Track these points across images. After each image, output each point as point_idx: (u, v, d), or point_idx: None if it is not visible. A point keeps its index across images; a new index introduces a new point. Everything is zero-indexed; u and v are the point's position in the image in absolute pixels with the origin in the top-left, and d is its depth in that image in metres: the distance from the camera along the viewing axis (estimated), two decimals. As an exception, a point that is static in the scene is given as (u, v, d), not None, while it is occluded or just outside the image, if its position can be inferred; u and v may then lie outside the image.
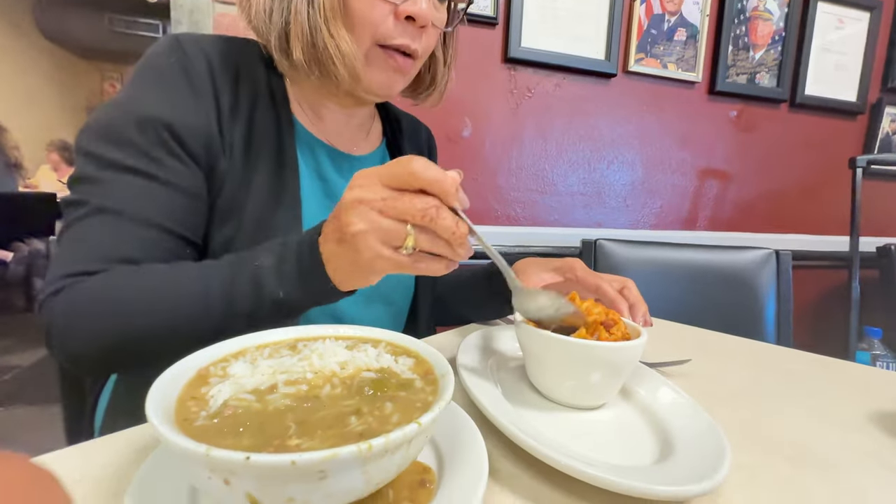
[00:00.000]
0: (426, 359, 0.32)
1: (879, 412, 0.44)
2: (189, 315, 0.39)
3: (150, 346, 0.39)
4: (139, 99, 0.45)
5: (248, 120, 0.50)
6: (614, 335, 0.37)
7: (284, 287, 0.38)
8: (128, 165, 0.43)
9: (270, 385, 0.26)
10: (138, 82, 0.47)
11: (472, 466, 0.28)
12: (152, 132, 0.44)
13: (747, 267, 1.11)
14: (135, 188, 0.43)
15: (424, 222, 0.31)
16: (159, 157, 0.44)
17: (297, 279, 0.37)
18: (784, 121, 1.55)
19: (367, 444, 0.20)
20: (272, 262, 0.39)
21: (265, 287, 0.38)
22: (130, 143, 0.43)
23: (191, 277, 0.40)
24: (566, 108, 1.31)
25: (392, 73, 0.51)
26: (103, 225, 0.42)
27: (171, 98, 0.46)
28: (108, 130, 0.44)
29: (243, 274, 0.39)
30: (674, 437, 0.33)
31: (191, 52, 0.48)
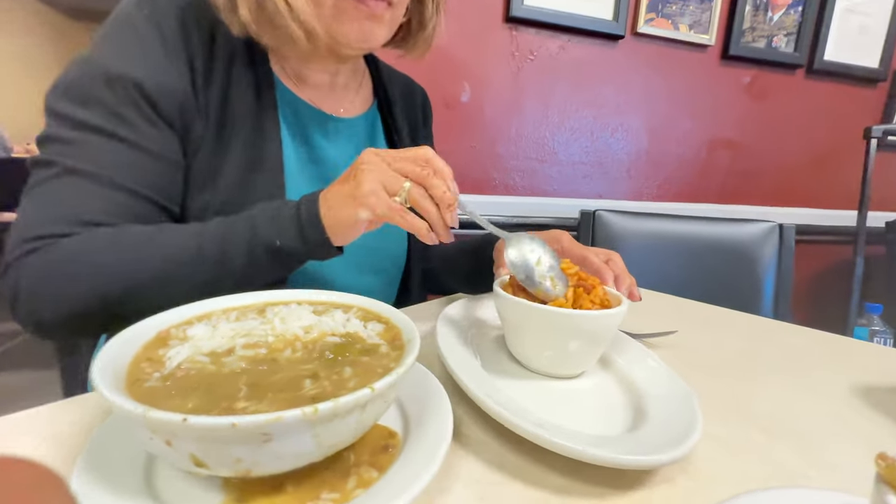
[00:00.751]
0: (396, 325, 0.31)
1: (867, 386, 0.44)
2: (180, 271, 0.38)
3: (134, 306, 0.38)
4: (107, 55, 0.43)
5: (224, 80, 0.48)
6: (593, 300, 0.36)
7: (281, 235, 0.39)
8: (97, 126, 0.41)
9: (228, 348, 0.26)
10: (107, 37, 0.44)
11: (436, 432, 0.27)
12: (122, 91, 0.42)
13: (749, 240, 1.09)
14: (105, 150, 0.41)
15: (420, 178, 0.37)
16: (130, 119, 0.42)
17: (294, 227, 0.39)
18: (799, 88, 1.48)
19: (313, 408, 0.19)
20: (270, 213, 0.40)
21: (261, 235, 0.39)
22: (99, 102, 0.41)
23: (180, 234, 0.40)
24: (570, 73, 1.25)
25: (366, 22, 0.47)
26: (73, 187, 0.40)
27: (141, 55, 0.43)
28: (76, 89, 0.42)
29: (238, 224, 0.39)
30: (648, 406, 0.32)
31: (162, 6, 0.46)
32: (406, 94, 0.69)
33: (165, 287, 0.38)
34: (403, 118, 0.65)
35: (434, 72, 1.11)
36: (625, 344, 0.42)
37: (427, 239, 0.38)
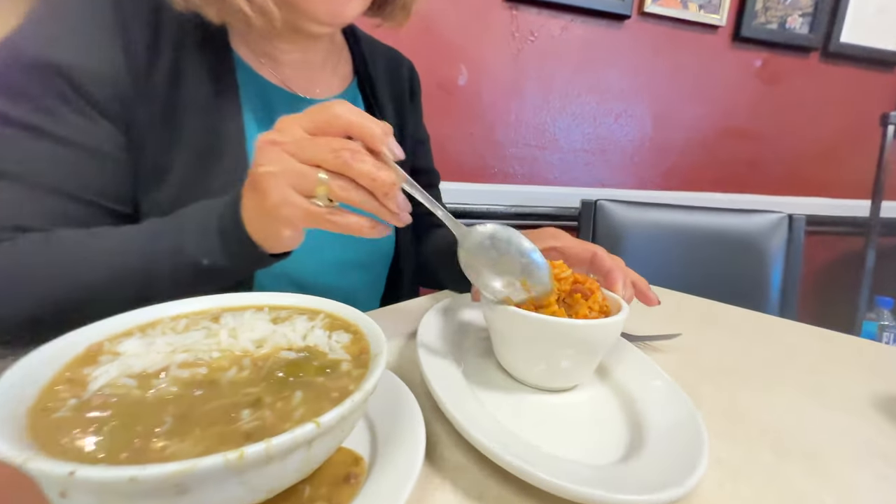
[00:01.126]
0: (365, 336, 0.28)
1: (883, 395, 0.40)
2: (105, 291, 0.35)
3: (64, 318, 0.35)
4: (29, 37, 0.38)
5: (172, 62, 0.42)
6: (591, 307, 0.32)
7: (207, 253, 0.34)
8: (23, 122, 0.37)
9: (162, 367, 0.22)
10: (31, 15, 0.39)
11: (406, 460, 0.24)
12: (46, 80, 0.37)
13: (757, 231, 1.04)
14: (34, 150, 0.37)
15: (337, 166, 0.28)
16: (58, 112, 0.38)
17: (218, 242, 0.33)
18: (813, 72, 1.41)
19: (238, 454, 0.16)
20: (194, 226, 0.34)
21: (187, 252, 0.34)
22: (22, 94, 0.37)
23: (105, 249, 0.35)
24: (573, 55, 1.20)
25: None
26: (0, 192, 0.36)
27: (68, 36, 0.38)
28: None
29: (164, 238, 0.35)
30: (648, 426, 0.29)
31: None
32: (390, 67, 0.63)
33: (93, 302, 0.34)
34: (387, 94, 0.60)
35: (429, 52, 1.06)
36: (624, 351, 0.39)
37: (374, 235, 0.31)
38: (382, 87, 0.59)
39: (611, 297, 0.35)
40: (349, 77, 0.58)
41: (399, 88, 0.63)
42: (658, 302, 0.43)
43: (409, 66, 0.66)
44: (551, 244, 0.43)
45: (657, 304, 0.43)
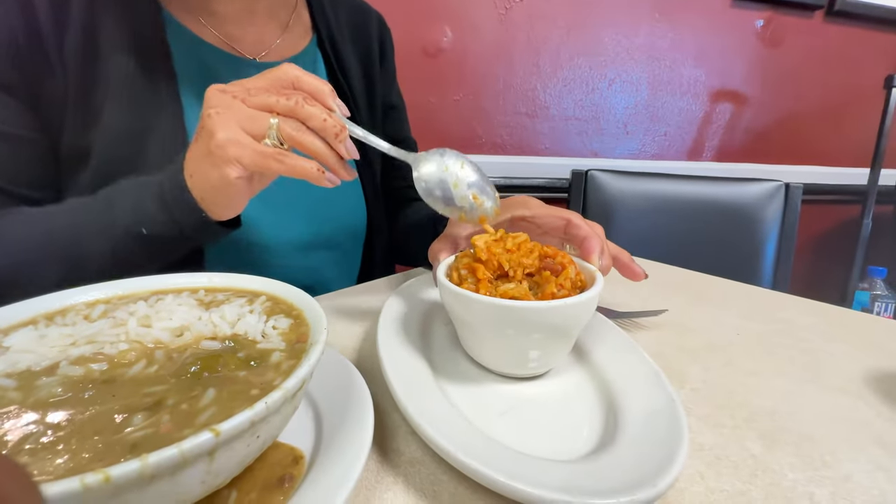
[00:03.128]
0: (307, 321, 0.25)
1: (881, 372, 0.38)
2: (32, 270, 0.31)
3: None
4: None
5: (85, 24, 0.37)
6: (562, 284, 0.29)
7: (147, 221, 0.30)
8: None
9: (52, 364, 0.19)
10: None
11: (349, 458, 0.21)
12: None
13: (753, 201, 1.01)
14: None
15: (288, 108, 0.28)
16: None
17: (156, 207, 0.30)
18: (817, 32, 1.35)
19: (103, 476, 0.13)
20: (128, 196, 0.31)
21: (120, 223, 0.31)
22: None
23: (30, 221, 0.32)
24: (564, 16, 1.12)
25: None
26: None
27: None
28: None
29: (93, 207, 0.31)
30: (623, 415, 0.26)
31: None
32: (355, 21, 0.56)
33: (18, 285, 0.31)
34: (353, 53, 0.53)
35: (409, 13, 0.99)
36: (603, 330, 0.36)
37: (323, 182, 0.30)
38: (346, 45, 0.53)
39: (587, 268, 0.32)
40: (307, 34, 0.52)
41: (366, 46, 0.56)
42: (645, 275, 0.39)
43: (379, 18, 0.59)
44: (521, 213, 0.38)
45: (644, 277, 0.39)
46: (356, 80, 0.53)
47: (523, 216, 0.38)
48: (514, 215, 0.38)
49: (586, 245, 0.34)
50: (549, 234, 0.38)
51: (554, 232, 0.37)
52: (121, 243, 0.31)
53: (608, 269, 0.35)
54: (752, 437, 0.29)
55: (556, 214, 0.38)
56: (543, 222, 0.38)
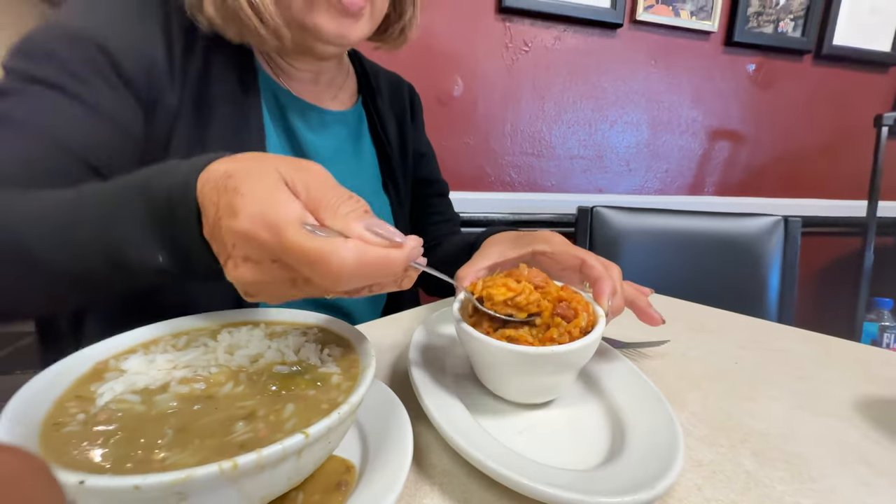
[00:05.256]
0: (355, 349, 0.29)
1: (871, 399, 0.41)
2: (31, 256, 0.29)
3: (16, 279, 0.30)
4: (73, 16, 0.41)
5: (205, 57, 0.46)
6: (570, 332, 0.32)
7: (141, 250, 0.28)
8: (44, 79, 0.38)
9: (164, 383, 0.24)
10: (76, 2, 0.42)
11: (394, 467, 0.25)
12: (82, 49, 0.39)
13: (754, 235, 1.05)
14: (47, 102, 0.38)
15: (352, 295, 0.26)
16: (85, 77, 0.39)
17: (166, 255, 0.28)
18: (807, 75, 1.43)
19: (232, 463, 0.17)
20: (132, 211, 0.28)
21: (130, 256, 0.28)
22: (55, 57, 0.38)
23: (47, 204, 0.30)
24: (566, 64, 1.22)
25: (341, 19, 0.45)
26: (1, 140, 0.36)
27: (110, 14, 0.41)
28: (34, 45, 0.39)
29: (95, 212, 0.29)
30: (628, 433, 0.30)
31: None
32: (392, 89, 0.67)
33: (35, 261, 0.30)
34: (390, 113, 0.64)
35: (425, 66, 1.08)
36: (610, 359, 0.40)
37: None
38: (385, 106, 0.63)
39: (596, 310, 0.35)
40: (354, 97, 0.62)
41: (400, 108, 0.67)
42: (662, 321, 0.41)
43: (410, 87, 0.71)
44: (541, 248, 0.41)
45: (661, 322, 0.41)
46: (392, 134, 0.62)
47: (544, 251, 0.41)
48: (535, 250, 0.41)
49: (598, 287, 0.37)
50: (567, 270, 0.40)
51: (570, 270, 0.40)
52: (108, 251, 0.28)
53: (619, 311, 0.37)
54: (745, 455, 0.32)
55: (574, 253, 0.40)
56: (561, 259, 0.40)
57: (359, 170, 0.59)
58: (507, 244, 0.44)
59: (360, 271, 0.22)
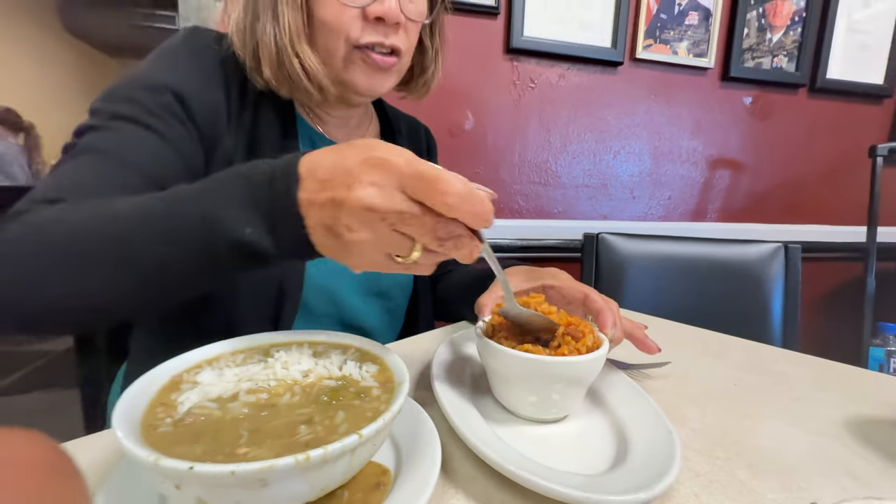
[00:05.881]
0: (389, 367, 0.33)
1: (860, 418, 0.44)
2: (129, 239, 0.32)
3: (75, 290, 0.33)
4: (152, 70, 0.48)
5: (255, 109, 0.53)
6: (578, 349, 0.37)
7: (247, 229, 0.30)
8: (128, 116, 0.44)
9: (233, 393, 0.28)
10: (154, 59, 0.50)
11: (425, 470, 0.29)
12: (160, 95, 0.46)
13: (755, 261, 1.09)
14: (128, 133, 0.44)
15: (440, 248, 0.28)
16: (162, 115, 0.46)
17: (264, 223, 0.30)
18: (803, 107, 1.49)
19: (305, 456, 0.21)
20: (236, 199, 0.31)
21: (221, 223, 0.30)
22: (137, 101, 0.45)
23: (136, 203, 0.33)
24: (570, 99, 1.29)
25: (373, 73, 0.52)
26: (83, 162, 0.41)
27: (184, 73, 0.48)
28: (119, 92, 0.46)
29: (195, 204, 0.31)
30: (630, 444, 0.33)
31: (206, 40, 0.51)
32: (410, 131, 0.74)
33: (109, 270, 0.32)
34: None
35: (438, 102, 1.16)
36: (615, 379, 0.43)
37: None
38: (405, 144, 0.69)
39: (600, 336, 0.40)
40: (378, 137, 0.69)
41: (418, 148, 0.74)
42: (658, 349, 0.46)
43: (427, 131, 0.78)
44: (550, 282, 0.48)
45: (657, 351, 0.46)
46: None
47: (552, 285, 0.47)
48: (544, 283, 0.47)
49: (601, 318, 0.42)
50: (572, 303, 0.47)
51: (574, 302, 0.46)
52: (213, 236, 0.30)
53: (619, 341, 0.43)
54: (740, 467, 0.35)
55: (578, 288, 0.47)
56: (567, 293, 0.47)
57: None
58: (521, 276, 0.50)
59: (467, 196, 0.26)
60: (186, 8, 1.21)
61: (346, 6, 0.47)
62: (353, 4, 0.48)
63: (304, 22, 0.48)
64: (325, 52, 0.50)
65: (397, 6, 0.49)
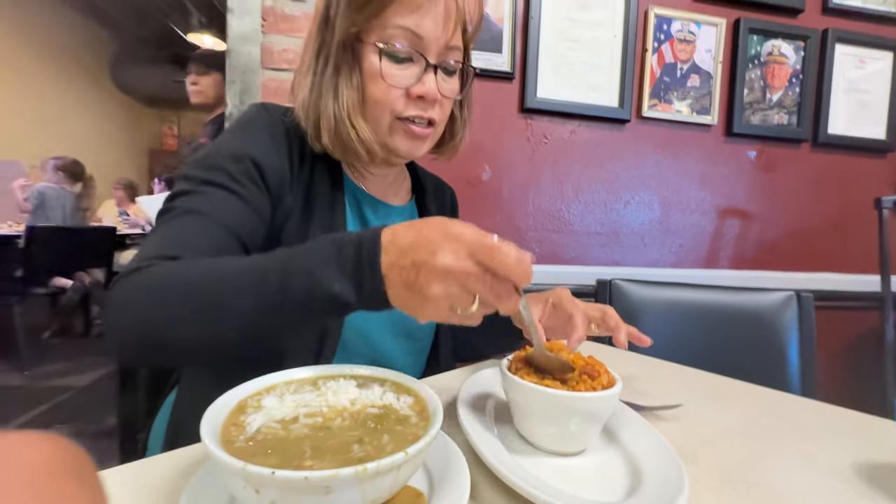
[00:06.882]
0: (423, 398, 0.38)
1: (868, 463, 0.46)
2: (235, 292, 0.40)
3: (194, 331, 0.40)
4: (232, 142, 0.58)
5: (310, 171, 0.62)
6: (594, 387, 0.41)
7: (339, 285, 0.38)
8: (216, 182, 0.53)
9: (293, 416, 0.33)
10: (232, 132, 0.60)
11: (455, 495, 0.33)
12: (241, 164, 0.55)
13: (768, 310, 1.10)
14: (219, 198, 0.52)
15: (495, 301, 0.36)
16: (243, 181, 0.54)
17: (351, 281, 0.38)
18: (807, 160, 1.55)
19: (363, 467, 0.26)
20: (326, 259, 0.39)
21: (318, 281, 0.38)
22: (222, 168, 0.54)
23: (243, 265, 0.41)
24: (581, 153, 1.37)
25: (412, 141, 0.61)
26: (186, 223, 0.50)
27: (258, 143, 0.58)
28: (206, 161, 0.55)
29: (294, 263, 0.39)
30: (642, 476, 0.36)
31: (274, 115, 0.61)
32: (437, 191, 0.83)
33: (234, 310, 0.39)
34: (435, 209, 0.79)
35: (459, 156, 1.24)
36: (629, 418, 0.47)
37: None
38: (431, 204, 0.78)
39: (613, 374, 0.44)
40: (409, 195, 0.77)
41: (443, 207, 0.83)
42: (650, 342, 0.58)
43: (452, 193, 0.88)
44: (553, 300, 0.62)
45: (650, 343, 0.58)
46: None
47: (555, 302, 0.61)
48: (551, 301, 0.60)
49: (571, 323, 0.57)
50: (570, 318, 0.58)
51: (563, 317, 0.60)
52: (312, 292, 0.38)
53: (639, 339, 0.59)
54: (747, 501, 0.37)
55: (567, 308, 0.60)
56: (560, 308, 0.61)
57: None
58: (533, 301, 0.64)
59: (519, 260, 0.34)
60: (233, 72, 1.36)
61: (392, 87, 0.56)
62: (399, 85, 0.57)
63: (359, 100, 0.58)
64: (373, 122, 0.59)
65: (435, 87, 0.58)
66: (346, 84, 0.57)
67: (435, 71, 0.58)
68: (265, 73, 1.27)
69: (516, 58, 1.30)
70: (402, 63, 0.57)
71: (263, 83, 1.28)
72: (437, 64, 0.58)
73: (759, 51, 1.48)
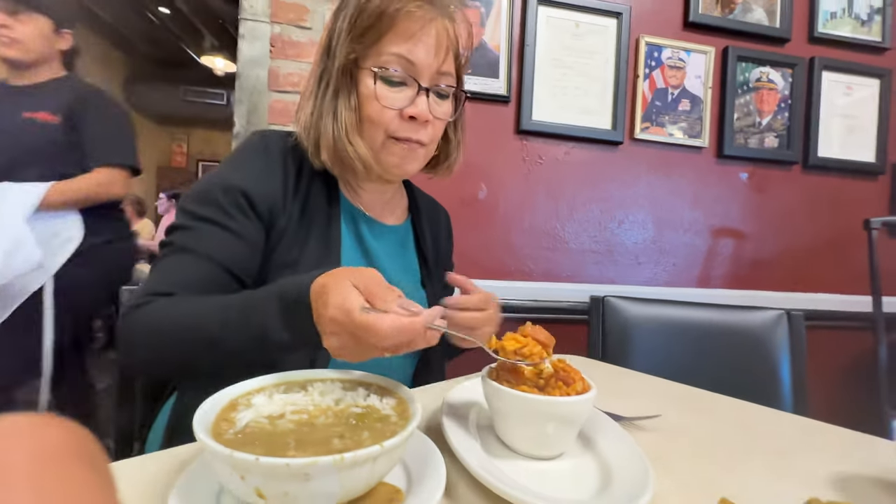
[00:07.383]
0: (405, 399, 0.40)
1: (841, 476, 0.47)
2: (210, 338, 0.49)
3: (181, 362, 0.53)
4: (227, 173, 0.62)
5: (306, 192, 0.66)
6: (568, 392, 0.43)
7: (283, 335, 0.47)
8: (209, 218, 0.58)
9: (280, 413, 0.35)
10: (230, 161, 0.64)
11: (430, 489, 0.35)
12: (232, 196, 0.59)
13: (759, 328, 1.12)
14: (210, 235, 0.57)
15: (394, 353, 0.41)
16: (234, 214, 0.59)
17: (290, 336, 0.46)
18: (798, 181, 1.58)
19: (341, 457, 0.28)
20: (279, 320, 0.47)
21: (271, 337, 0.47)
22: (215, 202, 0.58)
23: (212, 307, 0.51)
24: (575, 173, 1.41)
25: (403, 158, 0.65)
26: (180, 261, 0.56)
27: (251, 173, 0.62)
28: (201, 194, 0.60)
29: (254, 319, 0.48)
30: (613, 477, 0.38)
31: (271, 144, 0.65)
32: (431, 212, 0.86)
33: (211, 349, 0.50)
34: (428, 230, 0.82)
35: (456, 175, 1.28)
36: (606, 426, 0.48)
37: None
38: (425, 224, 0.81)
39: (588, 381, 0.46)
40: (405, 214, 0.80)
41: (437, 228, 0.86)
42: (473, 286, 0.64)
43: (446, 215, 0.91)
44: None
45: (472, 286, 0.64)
46: (430, 250, 0.79)
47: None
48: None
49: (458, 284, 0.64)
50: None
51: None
52: (249, 341, 0.48)
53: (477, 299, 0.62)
54: (716, 508, 0.39)
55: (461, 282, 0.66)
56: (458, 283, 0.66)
57: (405, 269, 0.76)
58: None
59: (395, 332, 0.38)
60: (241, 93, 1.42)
61: (386, 108, 0.61)
62: (393, 106, 0.61)
63: (356, 119, 0.62)
64: (369, 139, 0.63)
65: (427, 108, 0.62)
66: (344, 105, 0.62)
67: (427, 94, 0.62)
68: (272, 94, 1.32)
69: (512, 82, 1.35)
70: (396, 86, 0.61)
71: (270, 104, 1.34)
72: (429, 87, 0.62)
73: (747, 77, 1.53)
